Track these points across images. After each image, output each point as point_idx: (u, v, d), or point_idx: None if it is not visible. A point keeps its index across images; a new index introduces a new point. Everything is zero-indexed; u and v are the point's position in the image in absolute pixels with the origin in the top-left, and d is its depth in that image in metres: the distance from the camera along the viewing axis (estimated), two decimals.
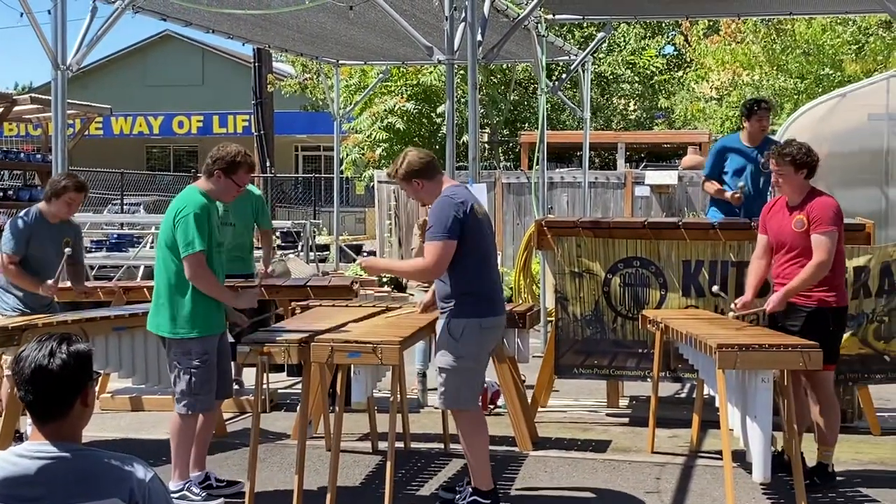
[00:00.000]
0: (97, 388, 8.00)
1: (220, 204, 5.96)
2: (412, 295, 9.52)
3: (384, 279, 13.95)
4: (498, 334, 5.70)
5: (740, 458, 5.93)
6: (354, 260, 18.52)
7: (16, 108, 15.10)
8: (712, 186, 8.17)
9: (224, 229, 6.66)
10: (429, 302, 6.01)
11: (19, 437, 6.45)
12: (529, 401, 7.32)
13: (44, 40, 7.91)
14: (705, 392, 6.49)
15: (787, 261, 5.95)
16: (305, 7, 8.33)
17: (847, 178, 9.61)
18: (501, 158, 24.18)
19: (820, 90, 17.58)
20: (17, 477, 2.64)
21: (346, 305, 7.03)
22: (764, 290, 6.30)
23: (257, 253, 8.99)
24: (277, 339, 5.46)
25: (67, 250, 6.73)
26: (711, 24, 23.04)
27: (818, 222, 5.77)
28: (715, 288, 6.83)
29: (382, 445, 6.51)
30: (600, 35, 12.40)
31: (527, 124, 23.18)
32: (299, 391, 6.64)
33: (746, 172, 8.04)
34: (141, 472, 2.70)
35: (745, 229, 7.29)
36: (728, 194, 7.99)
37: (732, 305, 6.26)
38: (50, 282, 6.66)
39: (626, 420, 7.65)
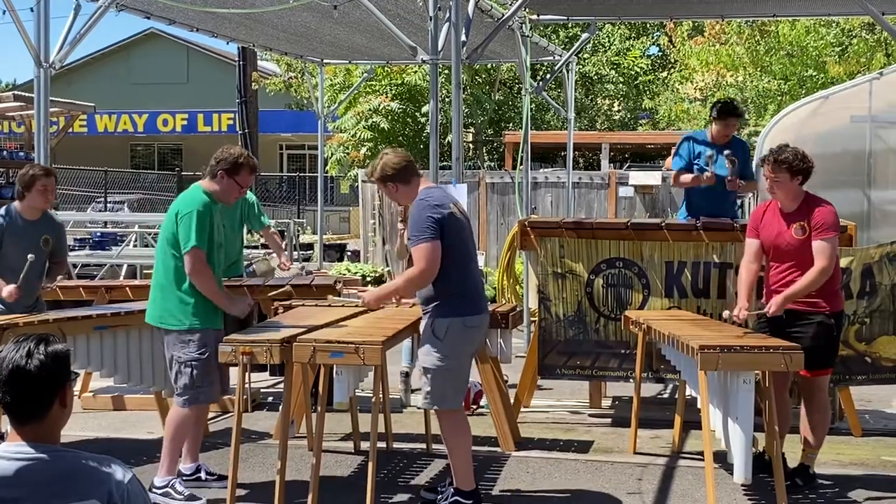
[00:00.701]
0: (79, 388, 7.97)
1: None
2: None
3: (368, 279, 13.95)
4: (481, 333, 5.70)
5: (722, 458, 5.94)
6: (339, 259, 18.53)
7: None
8: (688, 176, 8.05)
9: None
10: (370, 304, 5.83)
11: (0, 437, 6.41)
12: (512, 401, 7.33)
13: (26, 38, 7.87)
14: (687, 393, 6.51)
15: (785, 268, 5.89)
16: (289, 6, 8.31)
17: (829, 179, 9.61)
18: (486, 158, 24.22)
19: (803, 91, 17.66)
20: None
21: (329, 305, 7.02)
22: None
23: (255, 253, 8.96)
24: (260, 338, 5.46)
25: (46, 249, 6.71)
26: (696, 25, 23.11)
27: (821, 228, 5.73)
28: (726, 314, 6.40)
29: (365, 445, 6.52)
30: (584, 35, 12.42)
31: (511, 124, 23.21)
32: (281, 390, 6.63)
33: (712, 167, 8.09)
34: (119, 473, 2.68)
35: (728, 230, 7.32)
36: (704, 176, 7.92)
37: (725, 314, 6.04)
38: (11, 287, 6.55)
39: (608, 420, 7.67)
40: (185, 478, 5.92)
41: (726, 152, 7.92)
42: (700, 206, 8.03)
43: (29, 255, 6.62)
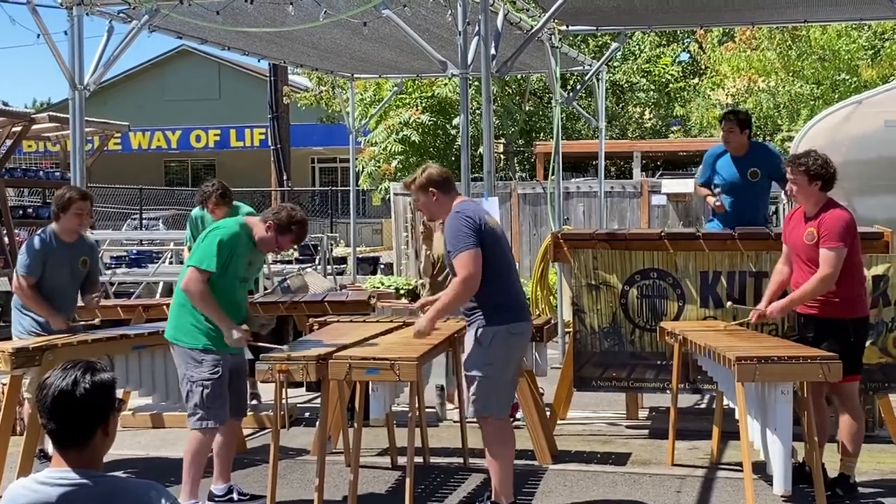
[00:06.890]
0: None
1: None
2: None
3: (401, 291, 13.97)
4: (525, 341, 5.76)
5: (761, 469, 5.91)
6: (372, 272, 18.57)
7: (34, 127, 15.21)
8: (702, 191, 8.40)
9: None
10: (425, 330, 5.63)
11: (43, 455, 6.47)
12: (548, 413, 7.31)
13: (61, 61, 7.97)
14: (725, 403, 6.48)
15: (802, 272, 5.97)
16: (319, 24, 8.37)
17: (864, 185, 9.55)
18: (517, 169, 24.21)
19: (836, 96, 17.52)
20: None
21: (364, 321, 7.05)
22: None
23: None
24: (296, 356, 5.49)
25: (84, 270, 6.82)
26: (726, 31, 22.99)
27: (826, 237, 5.77)
28: (729, 304, 6.87)
29: (402, 460, 6.52)
30: (614, 45, 12.41)
31: (542, 134, 23.20)
32: (318, 405, 6.65)
33: (733, 182, 8.07)
34: (161, 500, 2.71)
35: (763, 239, 7.27)
36: (711, 200, 8.14)
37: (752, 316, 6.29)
38: (61, 319, 6.67)
39: (645, 432, 7.63)
40: (217, 499, 5.91)
41: (751, 170, 7.98)
42: (730, 215, 8.02)
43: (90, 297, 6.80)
